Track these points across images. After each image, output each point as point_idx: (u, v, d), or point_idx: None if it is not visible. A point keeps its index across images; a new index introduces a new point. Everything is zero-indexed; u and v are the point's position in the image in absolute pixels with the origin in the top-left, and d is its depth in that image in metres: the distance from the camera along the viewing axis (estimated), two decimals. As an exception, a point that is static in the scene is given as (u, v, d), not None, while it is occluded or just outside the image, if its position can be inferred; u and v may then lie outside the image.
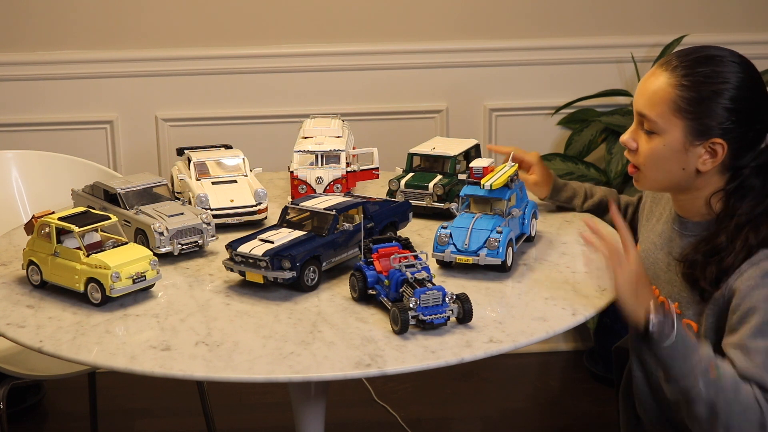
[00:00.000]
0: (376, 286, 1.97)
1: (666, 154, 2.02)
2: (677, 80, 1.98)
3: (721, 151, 1.99)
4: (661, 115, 2.00)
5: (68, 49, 3.55)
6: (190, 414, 3.35)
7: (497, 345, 1.84)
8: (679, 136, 2.00)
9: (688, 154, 2.01)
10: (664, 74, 2.01)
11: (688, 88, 1.97)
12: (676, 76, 1.99)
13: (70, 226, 2.04)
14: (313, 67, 3.60)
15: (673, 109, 1.98)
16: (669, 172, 2.04)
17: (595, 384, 3.62)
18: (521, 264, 2.20)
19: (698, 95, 1.97)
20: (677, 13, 3.65)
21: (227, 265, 2.09)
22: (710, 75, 1.98)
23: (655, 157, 2.03)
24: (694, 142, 1.99)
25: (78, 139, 3.57)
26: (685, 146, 2.00)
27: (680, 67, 2.00)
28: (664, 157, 2.02)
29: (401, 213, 2.31)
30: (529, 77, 3.67)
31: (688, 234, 2.10)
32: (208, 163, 2.54)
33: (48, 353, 1.85)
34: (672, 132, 2.00)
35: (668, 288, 2.12)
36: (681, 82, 1.98)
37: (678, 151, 2.01)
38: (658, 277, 2.15)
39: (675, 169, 2.03)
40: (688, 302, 2.06)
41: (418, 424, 3.38)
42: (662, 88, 2.00)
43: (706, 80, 1.97)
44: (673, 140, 2.00)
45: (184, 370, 1.77)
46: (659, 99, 2.00)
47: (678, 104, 1.98)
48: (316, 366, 1.77)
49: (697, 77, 1.98)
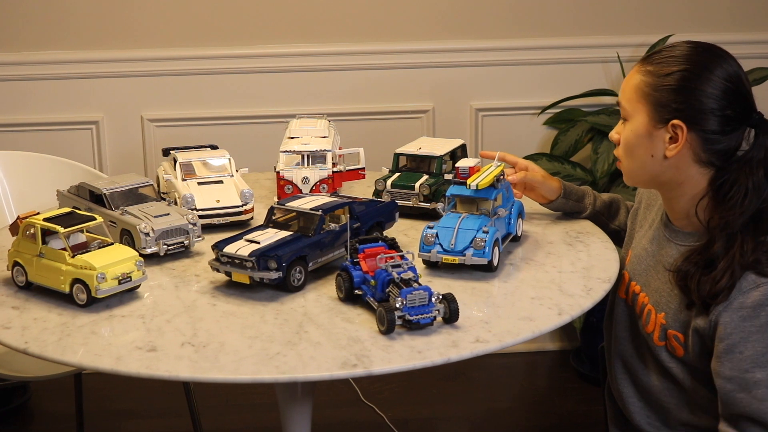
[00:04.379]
0: (363, 286, 1.97)
1: (634, 140, 2.08)
2: (644, 67, 2.07)
3: (682, 134, 2.02)
4: (629, 101, 2.08)
5: (53, 50, 3.54)
6: (177, 415, 3.35)
7: (484, 345, 1.84)
8: (643, 120, 2.06)
9: (653, 138, 2.05)
10: (636, 66, 2.10)
11: (648, 73, 2.05)
12: (644, 64, 2.08)
13: (55, 227, 2.03)
14: (299, 68, 3.60)
15: (638, 94, 2.06)
16: (640, 160, 2.09)
17: (582, 383, 3.63)
18: (507, 264, 2.20)
19: (655, 78, 2.04)
20: (663, 13, 3.66)
21: (213, 266, 2.08)
22: (666, 59, 2.05)
23: (627, 144, 2.10)
24: (656, 126, 2.04)
25: (63, 139, 3.56)
26: (649, 130, 2.05)
27: (649, 57, 2.09)
28: (633, 144, 2.09)
29: (387, 213, 2.31)
30: (515, 77, 3.67)
31: (679, 243, 2.11)
32: (194, 164, 2.54)
33: (33, 354, 1.84)
34: (637, 117, 2.07)
35: (656, 296, 2.12)
36: (647, 68, 2.06)
37: (643, 136, 2.06)
38: (649, 284, 2.15)
39: (644, 155, 2.08)
40: (676, 313, 2.06)
41: (405, 424, 3.38)
42: (633, 75, 2.09)
43: (661, 64, 2.05)
44: (638, 125, 2.07)
45: (170, 371, 1.76)
46: (629, 87, 2.09)
47: (641, 89, 2.06)
48: (303, 366, 1.77)
49: (656, 63, 2.06)
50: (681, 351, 2.06)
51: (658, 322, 2.09)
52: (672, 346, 2.07)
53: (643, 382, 2.18)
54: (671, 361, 2.09)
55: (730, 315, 1.93)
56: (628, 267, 2.23)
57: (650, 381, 2.16)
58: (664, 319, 2.08)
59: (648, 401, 2.19)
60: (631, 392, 2.22)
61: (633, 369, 2.21)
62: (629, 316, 2.22)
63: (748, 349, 1.92)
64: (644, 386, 2.18)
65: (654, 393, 2.16)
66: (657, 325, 2.10)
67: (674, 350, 2.07)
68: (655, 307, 2.11)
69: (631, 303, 2.20)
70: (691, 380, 2.07)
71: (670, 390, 2.13)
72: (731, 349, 1.93)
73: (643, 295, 2.15)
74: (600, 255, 2.24)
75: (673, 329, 2.06)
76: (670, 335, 2.07)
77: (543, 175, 2.39)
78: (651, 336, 2.11)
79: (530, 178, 2.38)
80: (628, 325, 2.23)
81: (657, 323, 2.10)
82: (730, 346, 1.93)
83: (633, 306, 2.20)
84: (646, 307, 2.13)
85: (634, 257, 2.22)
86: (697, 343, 2.01)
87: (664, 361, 2.10)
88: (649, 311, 2.12)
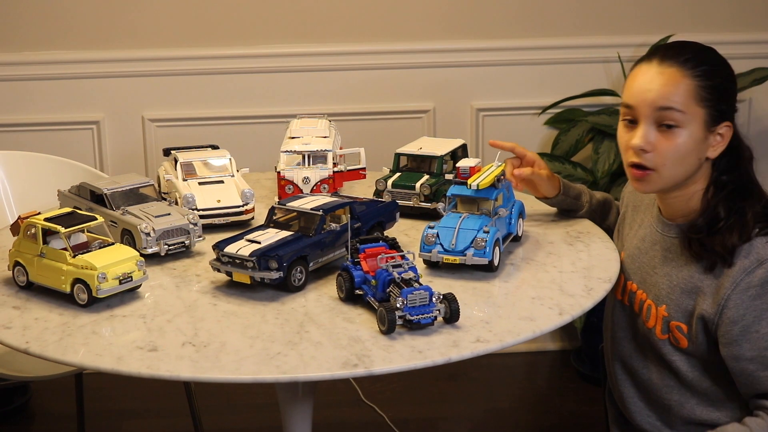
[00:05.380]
0: (363, 286, 1.97)
1: (690, 146, 2.04)
2: (691, 71, 2.02)
3: (729, 134, 2.05)
4: (686, 106, 2.01)
5: (54, 50, 3.54)
6: (178, 414, 3.35)
7: (484, 345, 1.84)
8: (700, 125, 2.03)
9: (706, 142, 2.05)
10: (672, 68, 2.02)
11: (699, 77, 2.01)
12: (688, 68, 2.02)
13: (56, 226, 2.03)
14: (300, 68, 3.60)
15: (696, 98, 2.02)
16: (690, 164, 2.06)
17: (582, 383, 3.63)
18: (508, 264, 2.20)
19: (713, 82, 2.02)
20: (663, 13, 3.66)
21: (214, 266, 2.09)
22: (715, 63, 2.05)
23: (681, 152, 2.04)
24: (710, 129, 2.04)
25: (64, 139, 3.56)
26: (705, 134, 2.04)
27: (685, 60, 2.03)
28: (689, 150, 2.04)
29: (388, 213, 2.31)
30: (516, 77, 3.67)
31: (673, 236, 2.12)
32: (195, 164, 2.54)
33: (34, 354, 1.84)
34: (695, 122, 2.03)
35: (656, 290, 2.12)
36: (691, 71, 2.02)
37: (700, 141, 2.04)
38: (645, 281, 2.16)
39: (694, 160, 2.06)
40: (677, 304, 2.07)
41: (406, 424, 3.38)
42: (678, 80, 2.02)
43: (713, 68, 2.04)
44: (695, 130, 2.03)
45: (171, 371, 1.76)
46: (680, 91, 2.01)
47: (699, 93, 2.01)
48: (303, 366, 1.77)
49: (706, 66, 2.03)
50: (685, 342, 2.06)
51: (660, 315, 2.10)
52: (675, 338, 2.08)
53: (643, 381, 2.19)
54: (674, 354, 2.10)
55: (740, 296, 1.96)
56: (623, 267, 2.23)
57: (651, 379, 2.17)
58: (666, 312, 2.08)
59: (649, 401, 2.19)
60: (632, 393, 2.22)
61: (633, 369, 2.21)
62: (627, 316, 2.23)
63: (764, 326, 1.95)
64: (645, 385, 2.19)
65: (655, 391, 2.16)
66: (659, 318, 2.10)
67: (678, 342, 2.08)
68: (656, 301, 2.11)
69: (629, 302, 2.21)
70: (694, 372, 2.08)
71: (671, 387, 2.13)
72: (747, 329, 1.95)
73: (641, 292, 2.16)
74: (601, 255, 2.24)
75: (675, 320, 2.07)
76: (673, 327, 2.07)
77: (548, 174, 2.38)
78: (653, 331, 2.12)
79: (536, 175, 2.36)
80: (627, 325, 2.23)
81: (659, 317, 2.10)
82: (745, 327, 1.95)
83: (631, 305, 2.20)
84: (646, 303, 2.14)
85: (628, 257, 2.23)
86: (701, 331, 2.02)
87: (666, 354, 2.10)
88: (649, 306, 2.13)
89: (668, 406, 2.15)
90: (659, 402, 2.16)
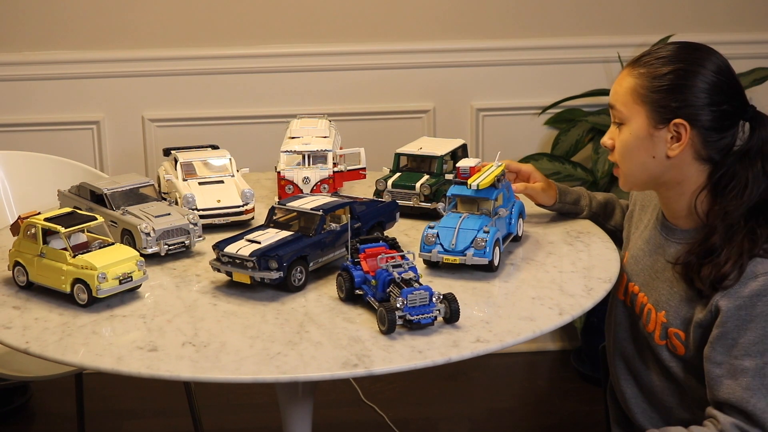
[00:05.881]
0: (363, 286, 1.97)
1: (634, 142, 2.07)
2: (635, 70, 2.08)
3: (685, 132, 2.03)
4: (625, 104, 2.08)
5: (54, 50, 3.54)
6: (178, 414, 3.35)
7: (484, 345, 1.84)
8: (642, 122, 2.06)
9: (654, 139, 2.05)
10: (626, 69, 2.11)
11: (643, 75, 2.05)
12: (635, 67, 2.08)
13: (56, 226, 2.03)
14: (300, 68, 3.60)
15: (634, 96, 2.06)
16: (641, 162, 2.08)
17: (583, 383, 3.63)
18: (508, 264, 2.20)
19: (649, 80, 2.04)
20: (663, 13, 3.66)
21: (214, 266, 2.09)
22: (656, 60, 2.06)
23: (625, 148, 2.09)
24: (657, 126, 2.04)
25: (64, 139, 3.56)
26: (649, 131, 2.05)
27: (638, 60, 2.09)
28: (633, 146, 2.08)
29: (388, 213, 2.31)
30: (516, 77, 3.67)
31: (676, 241, 2.11)
32: (195, 164, 2.54)
33: (34, 354, 1.84)
34: (636, 119, 2.06)
35: (656, 295, 2.12)
36: (638, 70, 2.07)
37: (644, 138, 2.06)
38: (647, 284, 2.16)
39: (645, 157, 2.07)
40: (676, 311, 2.07)
41: (406, 424, 3.38)
42: (624, 78, 2.10)
43: (653, 65, 2.05)
44: (637, 127, 2.06)
45: (171, 371, 1.76)
46: (622, 90, 2.08)
47: (636, 91, 2.06)
48: (303, 366, 1.77)
49: (647, 65, 2.06)
50: (682, 349, 2.06)
51: (659, 320, 2.10)
52: (673, 345, 2.08)
53: (645, 382, 2.19)
54: (672, 360, 2.09)
55: (727, 303, 1.95)
56: (626, 268, 2.23)
57: (652, 381, 2.17)
58: (665, 318, 2.08)
59: (650, 401, 2.19)
60: (634, 393, 2.22)
61: (635, 369, 2.21)
62: (629, 316, 2.22)
63: (741, 337, 1.93)
64: (646, 386, 2.19)
65: (656, 393, 2.16)
66: (658, 324, 2.10)
67: (675, 349, 2.07)
68: (655, 306, 2.11)
69: (630, 304, 2.21)
70: (691, 379, 2.07)
71: (671, 390, 2.13)
72: (725, 335, 1.95)
73: (642, 295, 2.16)
74: (601, 255, 2.24)
75: (674, 327, 2.07)
76: (671, 333, 2.07)
77: (542, 187, 2.40)
78: (652, 335, 2.11)
79: (530, 190, 2.39)
80: (629, 325, 2.23)
81: (658, 322, 2.10)
82: (724, 332, 1.95)
83: (632, 306, 2.20)
84: (646, 307, 2.14)
85: (631, 258, 2.23)
86: (698, 339, 2.02)
87: (664, 360, 2.10)
88: (649, 310, 2.13)
89: (669, 408, 2.14)
90: (660, 403, 2.16)
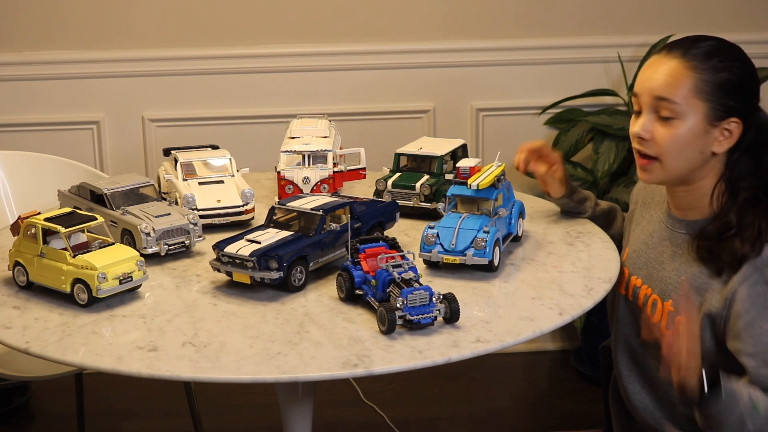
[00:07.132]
0: (363, 286, 1.97)
1: (690, 138, 2.05)
2: (690, 63, 2.03)
3: (737, 131, 2.04)
4: (684, 98, 2.03)
5: (54, 50, 3.54)
6: (178, 414, 3.35)
7: (484, 345, 1.84)
8: (700, 118, 2.03)
9: (708, 136, 2.05)
10: (676, 60, 2.05)
11: (703, 71, 2.03)
12: (687, 60, 2.04)
13: (56, 226, 2.03)
14: (300, 68, 3.60)
15: (695, 92, 2.02)
16: (689, 157, 2.06)
17: (583, 383, 3.63)
18: (508, 264, 2.20)
19: (716, 77, 2.02)
20: (663, 13, 3.66)
21: (214, 266, 2.09)
22: (718, 56, 2.04)
23: (677, 143, 2.05)
24: (713, 123, 2.04)
25: (64, 139, 3.56)
26: (705, 128, 2.04)
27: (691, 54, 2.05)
28: (687, 142, 2.05)
29: (388, 213, 2.31)
30: (516, 77, 3.67)
31: (683, 233, 2.11)
32: (195, 164, 2.54)
33: (34, 354, 1.85)
34: (694, 114, 2.03)
35: (662, 285, 2.12)
36: (695, 65, 2.03)
37: (699, 135, 2.04)
38: (651, 276, 2.16)
39: (694, 153, 2.06)
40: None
41: (406, 424, 3.38)
42: (680, 72, 2.04)
43: (713, 60, 2.03)
44: (695, 123, 2.04)
45: (171, 371, 1.76)
46: (679, 83, 2.03)
47: (699, 87, 2.02)
48: (304, 366, 1.77)
49: (707, 59, 2.03)
50: None
51: (666, 310, 2.10)
52: None
53: (649, 376, 2.18)
54: None
55: (748, 290, 1.95)
56: (627, 263, 2.23)
57: (657, 375, 2.16)
58: (672, 306, 2.08)
59: (655, 396, 2.19)
60: (638, 388, 2.22)
61: (639, 364, 2.21)
62: (632, 311, 2.22)
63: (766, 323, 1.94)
64: (651, 381, 2.18)
65: (661, 387, 2.16)
66: (664, 313, 2.10)
67: None
68: (661, 296, 2.11)
69: (633, 298, 2.21)
70: None
71: None
72: (751, 324, 1.95)
73: (645, 287, 2.16)
74: (601, 255, 2.24)
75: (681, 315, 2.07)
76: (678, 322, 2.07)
77: (560, 178, 2.39)
78: (658, 326, 2.11)
79: (548, 177, 2.38)
80: (632, 320, 2.23)
81: (664, 311, 2.10)
82: (749, 322, 1.95)
83: (635, 300, 2.20)
84: (651, 298, 2.14)
85: (633, 252, 2.23)
86: (706, 327, 2.02)
87: None
88: (654, 301, 2.13)
89: (673, 402, 2.14)
90: (665, 398, 2.16)
